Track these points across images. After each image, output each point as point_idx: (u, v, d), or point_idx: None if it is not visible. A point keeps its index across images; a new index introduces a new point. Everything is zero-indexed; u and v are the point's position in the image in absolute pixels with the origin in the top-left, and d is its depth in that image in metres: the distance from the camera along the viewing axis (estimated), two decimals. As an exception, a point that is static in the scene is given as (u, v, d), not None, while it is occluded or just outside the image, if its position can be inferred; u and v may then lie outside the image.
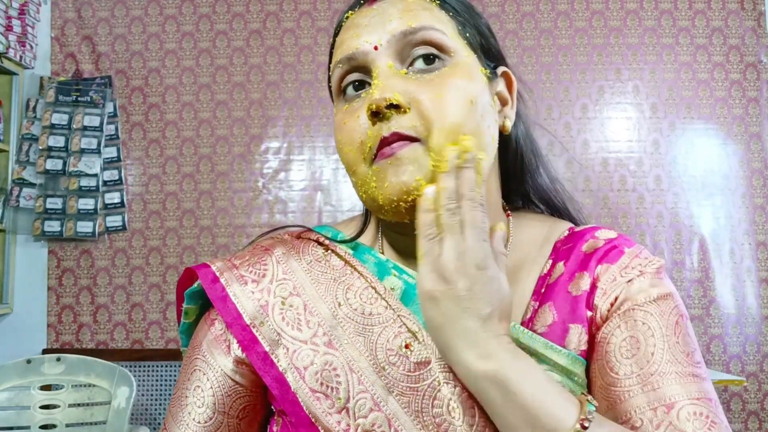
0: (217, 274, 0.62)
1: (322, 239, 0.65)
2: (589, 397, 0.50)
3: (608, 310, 0.58)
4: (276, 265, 0.63)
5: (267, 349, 0.58)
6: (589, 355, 0.58)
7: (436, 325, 0.51)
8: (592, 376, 0.57)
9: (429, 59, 0.57)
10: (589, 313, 0.58)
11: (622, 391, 0.53)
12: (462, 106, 0.55)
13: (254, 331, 0.59)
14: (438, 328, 0.51)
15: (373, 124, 0.55)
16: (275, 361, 0.57)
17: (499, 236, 0.55)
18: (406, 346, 0.56)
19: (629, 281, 0.59)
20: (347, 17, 0.62)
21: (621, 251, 0.61)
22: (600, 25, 2.55)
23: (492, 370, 0.49)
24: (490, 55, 0.63)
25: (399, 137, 0.54)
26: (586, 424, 0.47)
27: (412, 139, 0.54)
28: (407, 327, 0.57)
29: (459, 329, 0.50)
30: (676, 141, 2.51)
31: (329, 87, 0.64)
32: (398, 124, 0.54)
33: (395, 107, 0.54)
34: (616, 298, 0.58)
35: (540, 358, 0.56)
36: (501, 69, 0.64)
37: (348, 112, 0.58)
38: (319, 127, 2.54)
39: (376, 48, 0.57)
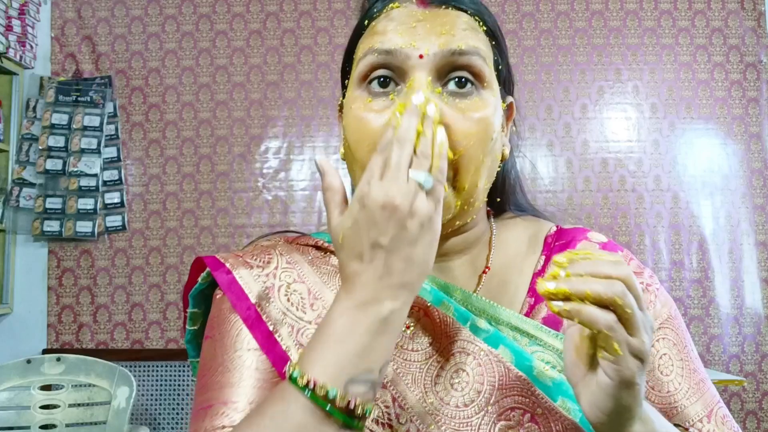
0: (222, 260, 0.64)
1: (320, 243, 0.66)
2: None
3: None
4: (280, 257, 0.64)
5: (271, 328, 0.59)
6: None
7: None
8: None
9: (461, 82, 0.56)
10: None
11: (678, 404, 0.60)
12: (484, 143, 0.55)
13: (259, 310, 0.60)
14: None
15: None
16: (278, 339, 0.59)
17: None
18: (407, 327, 0.59)
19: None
20: (392, 7, 0.59)
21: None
22: (600, 26, 2.55)
23: None
24: (507, 86, 0.63)
25: None
26: None
27: None
28: (416, 304, 0.59)
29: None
30: (676, 141, 2.51)
31: (344, 67, 0.63)
32: None
33: None
34: None
35: (532, 339, 0.58)
36: (509, 99, 0.64)
37: (371, 107, 0.57)
38: (319, 127, 2.53)
39: (421, 57, 0.55)
